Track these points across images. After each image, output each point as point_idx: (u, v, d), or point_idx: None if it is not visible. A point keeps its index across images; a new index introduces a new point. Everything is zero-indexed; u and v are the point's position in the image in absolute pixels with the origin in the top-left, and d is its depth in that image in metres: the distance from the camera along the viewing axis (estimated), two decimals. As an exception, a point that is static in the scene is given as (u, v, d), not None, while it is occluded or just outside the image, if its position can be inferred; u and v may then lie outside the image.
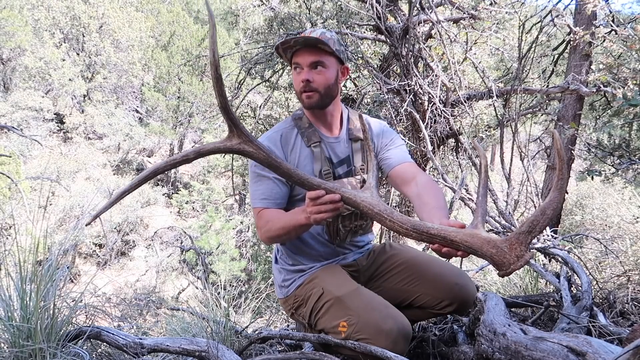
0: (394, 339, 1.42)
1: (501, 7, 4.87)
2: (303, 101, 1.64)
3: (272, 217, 1.57)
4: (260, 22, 8.21)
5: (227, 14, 23.03)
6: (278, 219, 1.53)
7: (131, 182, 1.14)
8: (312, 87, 1.60)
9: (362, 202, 1.22)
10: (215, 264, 11.17)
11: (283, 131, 1.69)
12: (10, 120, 15.37)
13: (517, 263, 1.01)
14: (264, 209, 1.61)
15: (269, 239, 1.60)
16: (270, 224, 1.55)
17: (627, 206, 3.61)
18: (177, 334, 2.07)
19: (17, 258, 1.52)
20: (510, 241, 1.02)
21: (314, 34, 1.59)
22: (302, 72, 1.60)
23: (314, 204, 1.26)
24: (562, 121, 5.86)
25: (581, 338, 1.14)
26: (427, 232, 1.13)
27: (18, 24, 15.44)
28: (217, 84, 1.10)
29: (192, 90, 17.95)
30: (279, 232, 1.52)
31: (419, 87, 4.18)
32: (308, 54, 1.59)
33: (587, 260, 2.47)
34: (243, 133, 1.19)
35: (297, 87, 1.64)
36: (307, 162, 1.66)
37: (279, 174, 1.25)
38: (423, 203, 1.45)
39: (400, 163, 1.69)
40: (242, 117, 7.71)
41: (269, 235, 1.57)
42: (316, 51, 1.59)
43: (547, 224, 1.02)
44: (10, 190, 11.07)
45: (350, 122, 1.76)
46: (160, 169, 1.17)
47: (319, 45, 1.57)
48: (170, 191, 18.35)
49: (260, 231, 1.61)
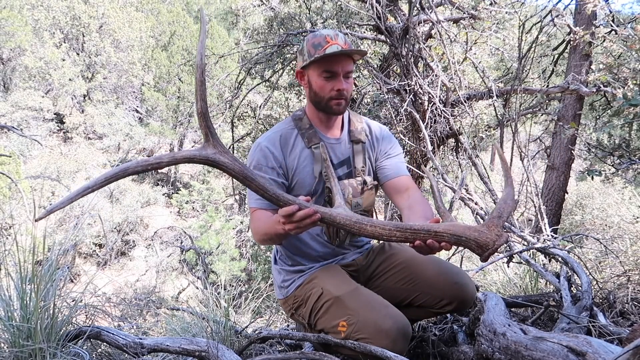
0: (393, 338, 1.42)
1: (501, 7, 4.87)
2: (331, 108, 1.63)
3: (261, 219, 1.57)
4: (260, 22, 8.22)
5: (227, 13, 23.05)
6: (263, 223, 1.52)
7: (96, 179, 1.05)
8: (344, 95, 1.61)
9: (338, 215, 1.23)
10: (215, 264, 11.17)
11: (282, 132, 1.68)
12: (10, 120, 15.37)
13: (499, 240, 1.11)
14: (258, 209, 1.60)
15: (258, 242, 1.62)
16: (258, 227, 1.55)
17: (627, 206, 3.61)
18: (177, 334, 2.07)
19: (17, 258, 1.52)
20: (488, 225, 1.14)
21: (339, 40, 1.58)
22: (337, 80, 1.59)
23: (289, 222, 1.24)
24: (562, 121, 5.86)
25: (581, 338, 1.15)
26: (410, 228, 1.17)
27: (18, 24, 15.45)
28: (200, 87, 1.09)
29: (192, 90, 17.95)
30: (264, 237, 1.53)
31: (419, 87, 4.18)
32: (346, 64, 1.59)
33: (587, 260, 2.47)
34: (219, 143, 1.17)
35: (325, 94, 1.62)
36: (307, 163, 1.65)
37: (252, 189, 1.21)
38: (412, 212, 1.52)
39: (398, 176, 1.73)
40: (242, 117, 7.71)
41: (257, 238, 1.58)
42: (351, 60, 1.62)
43: (512, 210, 1.23)
44: (10, 190, 11.07)
45: (351, 124, 1.76)
46: (131, 169, 1.09)
47: (354, 55, 1.61)
48: (170, 191, 18.36)
49: (253, 232, 1.61)
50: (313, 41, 1.59)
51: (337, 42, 1.57)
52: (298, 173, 1.65)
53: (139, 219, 15.96)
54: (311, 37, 1.62)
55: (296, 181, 1.66)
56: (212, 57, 7.81)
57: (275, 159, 1.62)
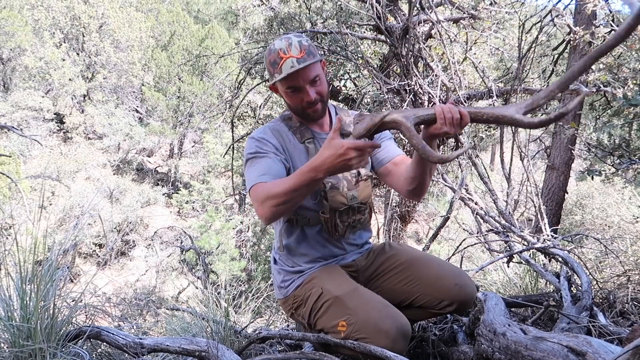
0: (393, 338, 1.42)
1: (501, 7, 4.87)
2: (309, 115, 1.63)
3: (274, 183, 1.45)
4: (260, 21, 8.21)
5: (227, 13, 23.04)
6: (285, 180, 1.42)
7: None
8: (316, 100, 1.59)
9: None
10: (215, 264, 11.18)
11: (275, 127, 1.69)
12: (10, 120, 15.37)
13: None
14: (261, 183, 1.49)
15: (272, 211, 1.43)
16: (273, 188, 1.42)
17: (627, 206, 3.61)
18: (177, 333, 2.07)
19: (17, 258, 1.52)
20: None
21: (293, 51, 1.51)
22: (303, 92, 1.56)
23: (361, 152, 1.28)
24: (562, 121, 5.86)
25: (581, 338, 1.15)
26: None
27: (18, 24, 15.45)
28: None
29: (192, 90, 17.95)
30: (286, 196, 1.39)
31: (419, 87, 4.18)
32: (306, 74, 1.54)
33: (587, 260, 2.47)
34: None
35: (297, 106, 1.60)
36: (302, 158, 1.65)
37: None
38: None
39: (393, 157, 1.73)
40: (242, 117, 7.71)
41: (273, 204, 1.41)
42: (312, 65, 1.55)
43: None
44: (10, 190, 11.07)
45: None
46: None
47: (311, 62, 1.53)
48: (170, 191, 18.35)
49: (261, 205, 1.45)
50: (269, 59, 1.56)
51: (291, 55, 1.51)
52: (294, 164, 1.65)
53: (139, 219, 15.95)
54: (267, 53, 1.58)
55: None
56: (212, 57, 7.80)
57: (273, 145, 1.61)
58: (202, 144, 18.88)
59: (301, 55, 1.52)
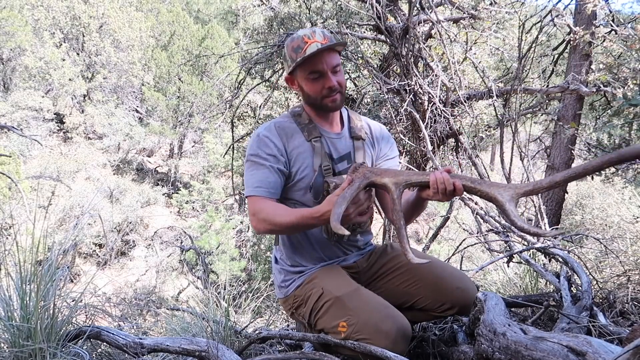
0: (393, 339, 1.42)
1: (501, 7, 4.87)
2: (327, 105, 1.63)
3: (272, 207, 1.55)
4: (260, 21, 8.21)
5: (227, 13, 23.06)
6: (287, 214, 1.52)
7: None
8: (337, 89, 1.60)
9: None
10: (215, 263, 11.18)
11: (282, 123, 1.68)
12: (10, 120, 15.37)
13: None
14: (259, 197, 1.57)
15: (267, 230, 1.57)
16: (274, 216, 1.53)
17: (627, 206, 3.61)
18: (177, 333, 2.07)
19: (17, 258, 1.52)
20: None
21: (317, 36, 1.55)
22: (326, 78, 1.58)
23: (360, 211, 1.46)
24: (562, 121, 5.86)
25: (581, 338, 1.15)
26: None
27: (18, 24, 15.44)
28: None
29: (192, 90, 17.95)
30: (282, 228, 1.55)
31: (419, 87, 4.18)
32: (330, 58, 1.57)
33: (587, 260, 2.47)
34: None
35: (317, 94, 1.61)
36: (307, 156, 1.64)
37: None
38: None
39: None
40: (242, 117, 7.71)
41: (263, 226, 1.55)
42: (335, 53, 1.59)
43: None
44: (10, 190, 11.07)
45: (351, 121, 1.76)
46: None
47: (337, 47, 1.58)
48: (170, 191, 18.34)
49: (256, 218, 1.55)
50: (292, 45, 1.58)
51: (316, 40, 1.54)
52: (298, 165, 1.64)
53: (139, 219, 15.94)
54: (289, 41, 1.60)
55: (295, 172, 1.64)
56: (212, 57, 7.80)
57: (275, 147, 1.61)
58: (202, 144, 18.89)
59: (325, 41, 1.55)
